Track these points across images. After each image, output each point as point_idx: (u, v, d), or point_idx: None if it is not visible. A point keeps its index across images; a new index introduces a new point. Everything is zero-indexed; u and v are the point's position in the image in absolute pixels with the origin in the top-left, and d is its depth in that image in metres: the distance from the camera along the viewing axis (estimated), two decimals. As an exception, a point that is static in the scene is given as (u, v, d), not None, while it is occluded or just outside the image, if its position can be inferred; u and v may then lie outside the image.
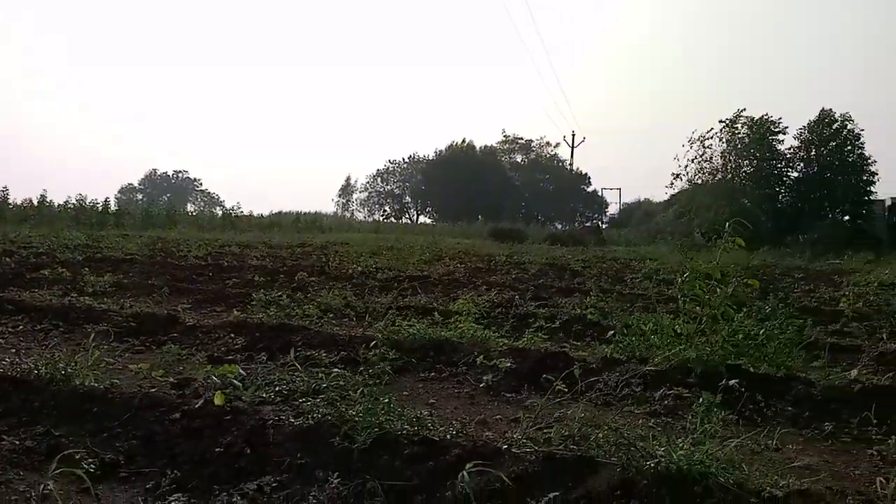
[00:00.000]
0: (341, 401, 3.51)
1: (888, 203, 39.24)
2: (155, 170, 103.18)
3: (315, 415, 3.29)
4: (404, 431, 3.09)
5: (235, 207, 39.78)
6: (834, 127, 34.14)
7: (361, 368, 4.37)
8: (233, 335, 5.71)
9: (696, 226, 33.74)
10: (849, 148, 33.90)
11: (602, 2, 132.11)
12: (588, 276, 13.10)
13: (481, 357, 4.79)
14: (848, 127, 34.01)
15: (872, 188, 33.84)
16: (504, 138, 76.67)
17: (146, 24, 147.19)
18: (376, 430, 3.03)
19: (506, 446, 3.02)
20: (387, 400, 3.46)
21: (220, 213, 42.04)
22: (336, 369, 4.32)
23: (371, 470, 2.85)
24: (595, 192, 74.47)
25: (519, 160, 76.39)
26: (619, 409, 3.99)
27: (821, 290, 11.53)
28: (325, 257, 14.97)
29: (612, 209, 71.75)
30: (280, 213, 45.38)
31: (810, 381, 4.27)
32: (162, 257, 13.35)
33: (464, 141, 70.28)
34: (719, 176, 33.93)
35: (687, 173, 35.21)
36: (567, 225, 57.79)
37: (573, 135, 57.72)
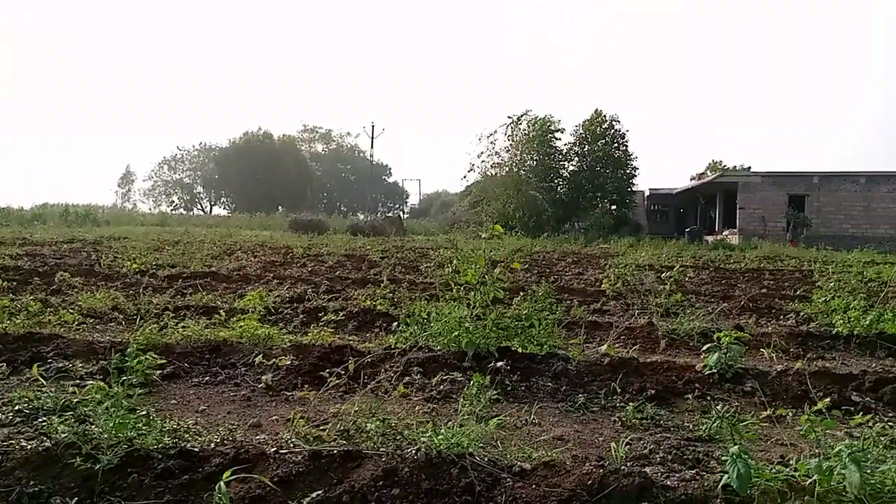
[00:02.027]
0: (95, 417, 3.16)
1: (647, 193, 45.02)
2: None
3: (54, 435, 2.91)
4: (159, 445, 2.85)
5: (-14, 199, 34.31)
6: (604, 126, 38.16)
7: (123, 378, 3.98)
8: (-37, 350, 4.88)
9: (487, 215, 35.82)
10: (616, 145, 38.09)
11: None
12: (385, 266, 13.26)
13: (260, 356, 4.60)
14: (615, 126, 38.22)
15: (634, 181, 38.45)
16: (304, 128, 75.13)
17: None
18: (125, 446, 2.76)
19: (273, 449, 2.92)
20: (144, 412, 3.18)
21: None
22: (92, 381, 3.88)
23: (117, 492, 2.58)
24: (396, 182, 75.94)
25: (320, 150, 75.34)
26: (398, 398, 4.06)
27: (588, 273, 12.81)
28: (95, 254, 13.48)
29: (413, 199, 73.78)
30: (45, 205, 40.01)
31: (568, 358, 4.70)
32: None
33: (260, 129, 67.50)
34: (507, 169, 36.28)
35: (479, 166, 37.27)
36: (369, 215, 58.20)
37: (373, 126, 58.24)
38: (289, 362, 4.53)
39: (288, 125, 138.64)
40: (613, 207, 37.49)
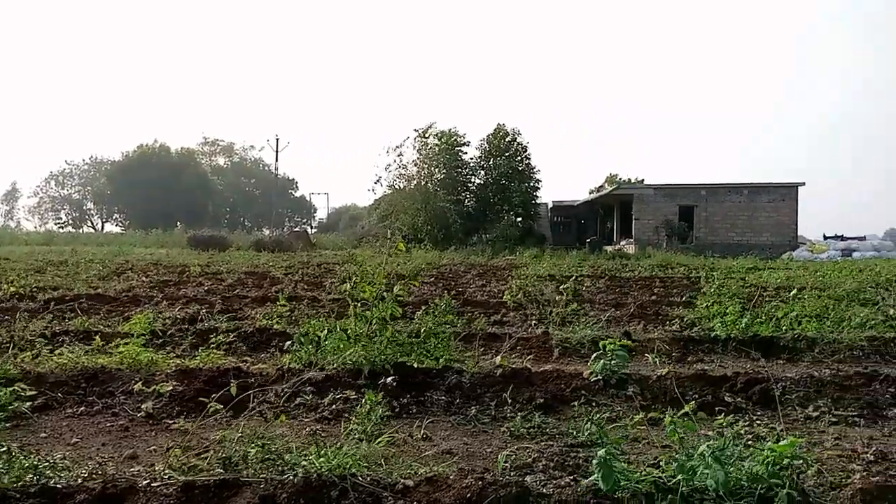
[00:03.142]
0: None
1: (551, 205, 46.47)
2: None
3: None
4: (19, 484, 2.65)
5: None
6: (507, 140, 39.13)
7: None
8: None
9: (396, 228, 35.84)
10: (519, 158, 39.13)
11: (305, 7, 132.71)
12: (288, 283, 12.97)
13: (140, 384, 4.37)
14: (518, 140, 39.28)
15: (538, 193, 39.64)
16: (204, 140, 72.58)
17: None
18: (-24, 489, 2.55)
19: (146, 481, 2.78)
20: (4, 449, 2.95)
21: None
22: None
23: (-36, 539, 2.37)
24: (303, 196, 74.63)
25: (222, 164, 72.99)
26: (287, 421, 3.96)
27: (491, 285, 13.04)
28: (-33, 278, 12.40)
29: (321, 213, 72.75)
30: (-90, 224, 36.48)
31: (462, 371, 4.75)
32: None
33: (156, 142, 64.63)
34: (415, 182, 36.48)
35: (387, 179, 37.30)
36: (275, 230, 56.81)
37: (277, 139, 56.99)
38: (171, 388, 4.33)
39: (187, 138, 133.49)
40: (519, 219, 38.42)
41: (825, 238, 33.21)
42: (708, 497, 2.54)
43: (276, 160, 58.83)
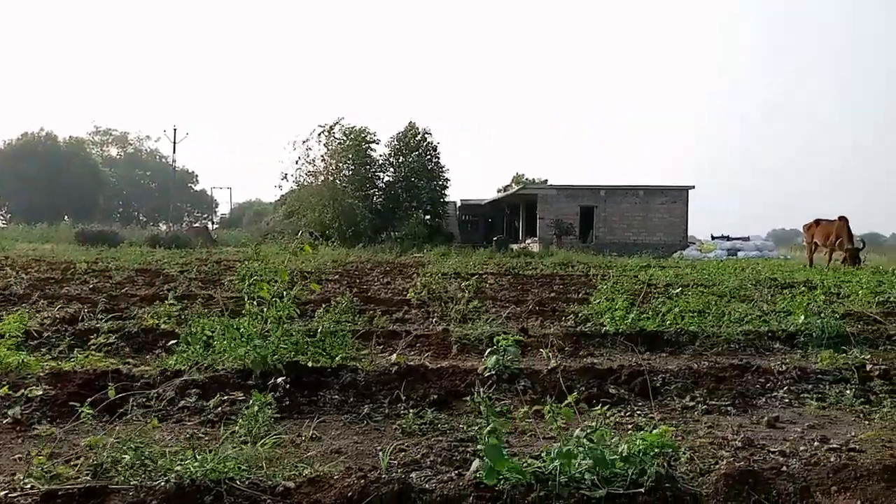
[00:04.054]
0: None
1: (459, 204, 47.02)
2: None
3: None
4: None
5: None
6: (417, 138, 39.23)
7: None
8: None
9: (304, 225, 35.13)
10: (429, 157, 39.33)
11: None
12: (182, 280, 12.42)
13: (6, 388, 4.05)
14: (428, 139, 39.47)
15: (447, 191, 40.02)
16: (95, 129, 68.34)
17: None
18: None
19: (4, 492, 2.57)
20: None
21: None
22: None
23: None
24: (204, 190, 71.74)
25: (114, 154, 68.98)
26: (169, 425, 3.79)
27: (396, 282, 13.03)
28: None
29: (224, 209, 70.16)
30: None
31: (357, 369, 4.71)
32: None
33: (42, 130, 60.21)
34: (322, 178, 35.88)
35: (294, 175, 36.48)
36: (173, 226, 54.32)
37: (175, 129, 54.50)
38: (41, 393, 4.04)
39: (76, 126, 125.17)
40: (428, 217, 38.61)
41: (713, 238, 35.44)
42: (584, 485, 2.64)
43: (174, 152, 56.29)
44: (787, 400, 4.68)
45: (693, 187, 35.74)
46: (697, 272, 17.46)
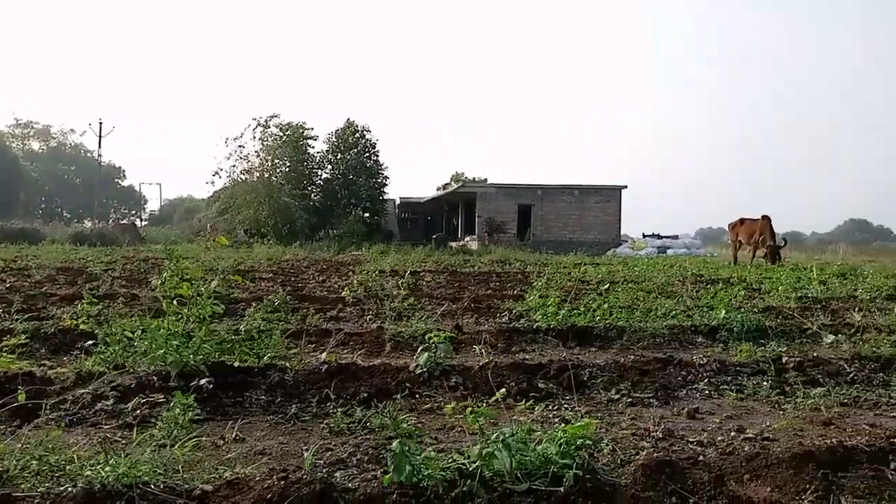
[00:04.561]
0: None
1: (398, 202, 46.85)
2: None
3: None
4: None
5: None
6: (356, 136, 38.86)
7: None
8: None
9: (238, 222, 34.29)
10: (367, 154, 39.01)
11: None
12: (106, 279, 11.92)
13: None
14: (366, 136, 39.15)
15: (386, 189, 39.79)
16: (15, 122, 64.82)
17: None
18: None
19: None
20: None
21: None
22: None
23: None
24: (132, 186, 69.11)
25: (36, 148, 65.56)
26: (83, 429, 3.62)
27: (332, 280, 12.87)
28: None
29: (153, 205, 67.73)
30: None
31: (285, 368, 4.62)
32: None
33: (-44, 121, 56.68)
34: (257, 174, 35.07)
35: (227, 171, 35.51)
36: (98, 223, 52.05)
37: (100, 123, 52.24)
38: (-57, 398, 3.78)
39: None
40: (367, 215, 38.30)
41: (644, 236, 36.51)
42: (507, 480, 2.66)
43: (100, 146, 53.88)
44: (707, 392, 4.85)
45: (626, 187, 36.74)
46: (629, 269, 17.96)
